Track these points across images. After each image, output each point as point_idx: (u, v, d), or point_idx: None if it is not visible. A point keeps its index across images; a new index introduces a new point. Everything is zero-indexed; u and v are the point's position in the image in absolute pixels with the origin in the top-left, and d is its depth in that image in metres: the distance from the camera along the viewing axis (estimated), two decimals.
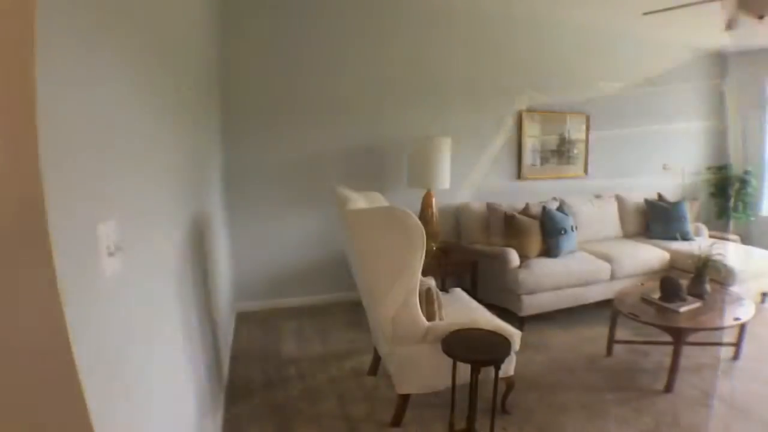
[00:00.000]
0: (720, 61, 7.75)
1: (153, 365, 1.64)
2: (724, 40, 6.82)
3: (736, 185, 7.34)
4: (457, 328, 2.99)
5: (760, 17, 3.51)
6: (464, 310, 3.56)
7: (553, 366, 4.07)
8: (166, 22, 2.19)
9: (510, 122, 5.83)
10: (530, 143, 5.94)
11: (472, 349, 2.78)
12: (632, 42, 6.59)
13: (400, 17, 5.15)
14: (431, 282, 3.37)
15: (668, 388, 3.70)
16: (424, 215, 4.93)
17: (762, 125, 7.52)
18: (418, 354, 3.03)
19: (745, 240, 7.07)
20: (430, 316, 3.12)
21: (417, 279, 2.93)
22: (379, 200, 3.78)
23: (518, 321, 4.63)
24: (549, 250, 4.95)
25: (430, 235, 4.82)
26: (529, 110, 5.90)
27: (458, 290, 4.05)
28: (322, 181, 4.90)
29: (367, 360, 3.94)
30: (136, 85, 1.64)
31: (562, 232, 4.98)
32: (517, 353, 3.39)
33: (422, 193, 5.01)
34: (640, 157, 6.98)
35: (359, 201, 3.23)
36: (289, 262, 5.10)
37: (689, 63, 7.44)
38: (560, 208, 5.27)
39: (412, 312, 2.97)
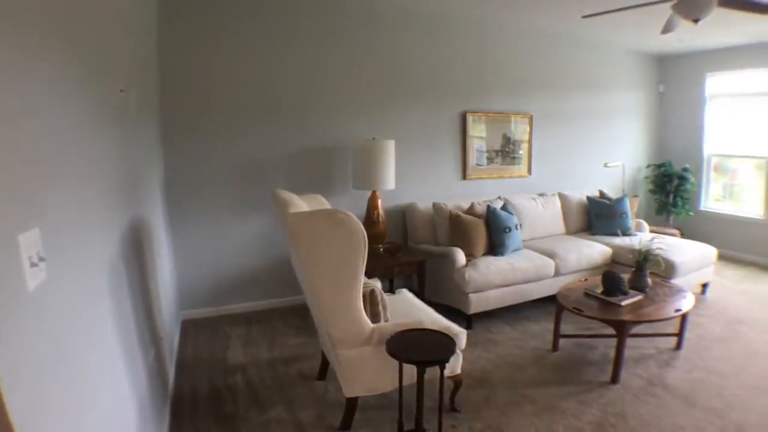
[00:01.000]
0: (659, 63, 8.09)
1: (87, 379, 1.58)
2: (662, 43, 7.08)
3: (675, 182, 7.61)
4: (402, 329, 2.98)
5: (695, 21, 3.63)
6: (410, 310, 3.56)
7: (500, 362, 4.12)
8: (93, 24, 2.11)
9: (454, 123, 5.89)
10: (475, 144, 6.02)
11: (417, 349, 2.77)
12: (575, 44, 6.82)
13: (344, 19, 5.13)
14: (376, 284, 3.35)
15: (614, 379, 3.80)
16: (370, 217, 4.93)
17: (700, 124, 7.83)
18: (363, 356, 3.00)
19: (685, 234, 7.36)
20: (375, 318, 3.10)
21: (360, 281, 2.91)
22: (321, 203, 3.75)
23: (466, 319, 4.69)
24: (495, 249, 5.03)
25: (377, 237, 4.84)
26: (473, 111, 5.98)
27: (405, 291, 4.06)
28: (265, 185, 4.82)
29: (315, 364, 3.90)
30: (60, 87, 1.56)
31: (507, 230, 5.05)
32: (464, 351, 3.42)
33: (368, 194, 4.98)
34: (582, 156, 7.21)
35: (301, 204, 3.17)
36: (234, 267, 5.00)
37: (630, 65, 7.74)
38: (505, 207, 5.35)
39: (357, 314, 2.94)
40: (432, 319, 3.36)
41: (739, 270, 6.97)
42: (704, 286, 5.88)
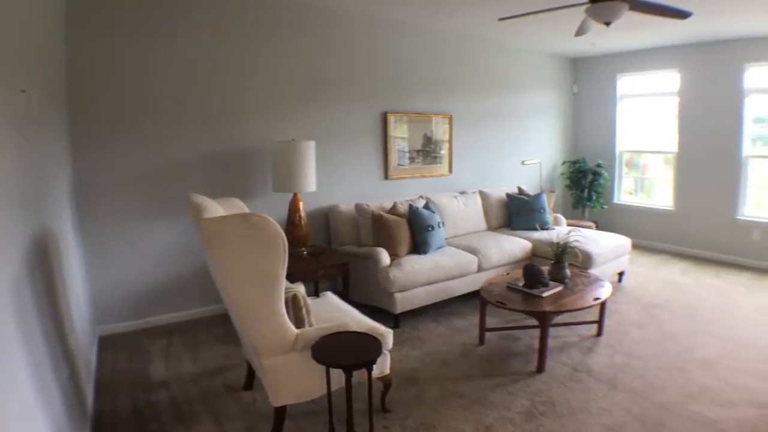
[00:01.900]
0: (573, 65, 8.48)
1: None
2: (576, 46, 7.44)
3: (590, 177, 7.95)
4: (327, 332, 2.90)
5: (607, 24, 3.79)
6: (335, 313, 3.48)
7: (429, 359, 4.11)
8: None
9: (375, 124, 5.87)
10: (397, 144, 6.02)
11: (344, 353, 2.71)
12: (493, 47, 7.04)
13: (262, 18, 4.97)
14: (299, 288, 3.27)
15: (540, 368, 3.87)
16: (292, 219, 4.82)
17: (612, 122, 8.22)
18: (289, 363, 2.89)
19: (600, 226, 7.70)
20: (299, 323, 3.00)
21: (281, 286, 2.81)
22: (239, 207, 3.62)
23: (393, 319, 4.67)
24: (418, 247, 5.03)
25: (299, 240, 4.75)
26: (394, 112, 5.98)
27: (329, 294, 3.98)
28: (182, 191, 4.51)
29: (241, 374, 3.74)
30: None
31: (430, 228, 5.07)
32: (392, 350, 3.38)
33: (289, 197, 4.88)
34: (501, 155, 7.40)
35: (216, 209, 3.05)
36: (153, 277, 4.73)
37: (546, 66, 8.07)
38: (427, 206, 5.37)
39: (279, 321, 2.83)
40: (357, 320, 3.30)
41: (652, 258, 7.34)
42: (620, 274, 6.13)
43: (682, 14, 4.02)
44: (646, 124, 8.06)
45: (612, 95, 8.19)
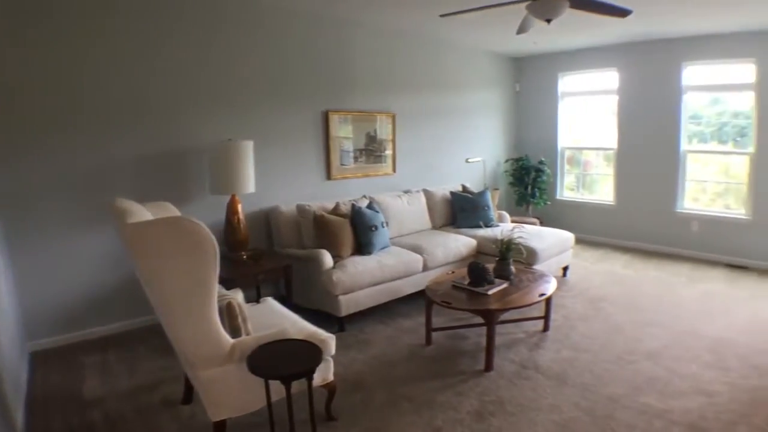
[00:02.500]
0: (515, 63, 8.56)
1: None
2: (518, 45, 7.52)
3: (533, 174, 8.02)
4: (264, 341, 2.73)
5: (548, 21, 3.78)
6: (275, 320, 3.30)
7: (375, 363, 3.97)
8: None
9: (317, 123, 5.68)
10: (339, 143, 5.86)
11: (282, 362, 2.55)
12: (436, 45, 6.97)
13: (198, 11, 4.71)
14: (237, 294, 3.10)
15: (488, 367, 3.80)
16: (231, 222, 4.61)
17: (554, 120, 8.34)
18: (226, 375, 2.70)
19: (544, 222, 7.81)
20: (235, 332, 2.82)
21: (214, 294, 2.62)
22: (170, 211, 3.40)
23: (338, 322, 4.51)
24: (362, 248, 4.90)
25: (239, 243, 4.56)
26: (336, 111, 5.81)
27: (270, 300, 3.80)
28: (113, 195, 4.24)
29: (180, 387, 3.50)
30: None
31: (374, 228, 4.95)
32: (338, 354, 3.25)
33: (227, 199, 4.66)
34: (445, 153, 7.36)
35: (144, 213, 2.83)
36: (85, 288, 4.39)
37: (488, 65, 8.09)
38: (371, 206, 5.24)
39: (213, 330, 2.64)
40: (298, 327, 3.13)
41: (595, 252, 7.44)
42: (565, 269, 6.18)
43: (622, 12, 4.03)
44: (587, 121, 8.24)
45: (553, 94, 8.31)
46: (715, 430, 3.05)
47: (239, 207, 4.67)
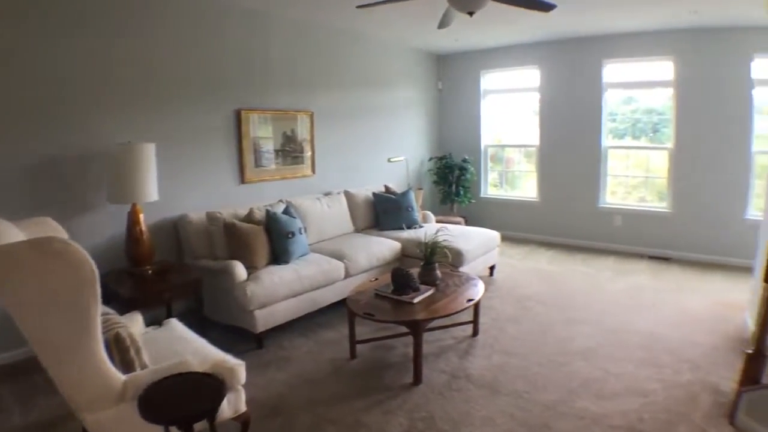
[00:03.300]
0: (437, 61, 8.44)
1: None
2: (440, 42, 7.43)
3: (457, 172, 7.91)
4: (161, 376, 2.33)
5: (470, 13, 3.59)
6: (177, 347, 2.88)
7: (296, 382, 3.63)
8: None
9: (228, 122, 5.23)
10: (254, 144, 5.44)
11: (180, 401, 2.16)
12: (356, 40, 6.69)
13: (94, 4, 4.16)
14: (133, 319, 2.68)
15: (417, 380, 3.57)
16: (132, 234, 4.12)
17: (477, 118, 8.28)
18: (120, 417, 2.28)
19: (469, 220, 7.77)
20: (127, 367, 2.41)
21: (96, 324, 2.21)
22: (50, 229, 2.91)
23: (255, 338, 4.13)
24: (279, 257, 4.52)
25: (142, 257, 4.12)
26: (250, 109, 5.39)
27: (173, 322, 3.35)
28: None
29: (78, 425, 3.02)
30: None
31: (290, 235, 4.58)
32: (256, 375, 3.14)
33: (128, 209, 4.17)
34: (366, 152, 7.06)
35: (14, 234, 2.37)
36: None
37: (411, 62, 7.89)
38: (287, 211, 4.87)
39: (99, 367, 2.23)
40: (203, 354, 2.74)
41: (520, 249, 7.40)
42: (491, 268, 6.07)
43: (545, 6, 3.89)
44: (510, 119, 8.31)
45: (476, 91, 8.26)
46: None
47: (141, 217, 4.19)
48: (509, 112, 8.30)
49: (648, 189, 7.22)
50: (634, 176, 7.34)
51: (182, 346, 2.90)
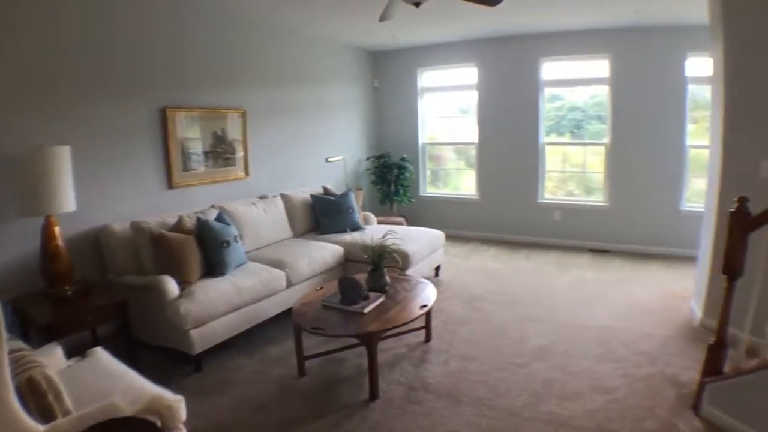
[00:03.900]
0: (374, 58, 8.24)
1: None
2: (376, 39, 7.27)
3: (395, 171, 7.74)
4: (88, 424, 1.94)
5: (416, 4, 3.45)
6: (104, 384, 2.43)
7: (242, 408, 3.28)
8: None
9: (153, 122, 4.76)
10: (181, 145, 4.99)
11: None
12: (291, 36, 6.35)
13: None
14: (51, 353, 2.28)
15: (373, 395, 3.32)
16: (48, 250, 3.62)
17: (414, 116, 8.16)
18: None
19: (409, 220, 7.63)
20: (46, 415, 2.01)
21: (3, 368, 1.84)
22: None
23: (193, 361, 3.73)
24: (213, 269, 4.12)
25: (60, 276, 3.66)
26: (177, 107, 4.94)
27: (98, 352, 2.87)
28: None
29: None
30: None
31: (225, 245, 4.20)
32: (196, 403, 2.88)
33: (42, 221, 3.69)
34: (303, 152, 6.73)
35: None
36: None
37: (347, 59, 7.66)
38: (220, 218, 4.49)
39: (11, 419, 1.84)
40: (133, 391, 2.33)
41: (463, 247, 7.30)
42: (437, 269, 5.91)
43: (492, 1, 3.71)
44: (448, 116, 8.27)
45: (413, 89, 8.13)
46: (624, 430, 2.91)
47: (57, 230, 3.71)
48: (448, 110, 8.26)
49: (580, 183, 7.38)
50: (572, 172, 7.44)
51: (110, 382, 2.48)
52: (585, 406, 3.14)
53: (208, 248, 4.12)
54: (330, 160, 6.76)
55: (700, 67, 6.08)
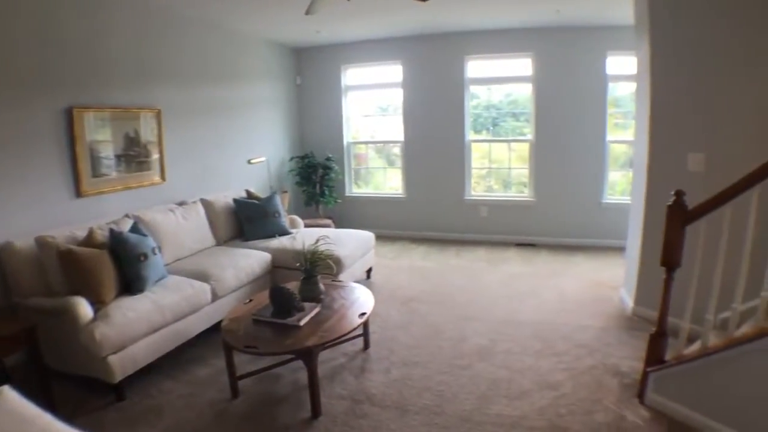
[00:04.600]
0: (296, 55, 7.99)
1: None
2: (299, 35, 7.07)
3: (321, 172, 7.54)
4: None
5: None
6: None
7: None
8: None
9: (58, 123, 4.27)
10: (90, 148, 4.51)
11: None
12: (209, 30, 5.99)
13: None
14: None
15: (315, 412, 3.11)
16: None
17: (339, 114, 7.97)
18: None
19: (336, 221, 7.47)
20: None
21: None
22: None
23: (115, 390, 3.34)
24: (131, 286, 3.73)
25: None
26: (84, 107, 4.46)
27: (5, 392, 2.42)
28: None
29: None
30: None
31: (142, 258, 3.82)
32: None
33: None
34: (224, 154, 6.37)
35: None
36: None
37: (268, 55, 7.35)
38: (136, 228, 4.08)
39: None
40: None
41: (392, 246, 7.20)
42: (369, 271, 5.76)
43: None
44: (373, 115, 8.19)
45: (337, 87, 7.94)
46: (575, 425, 2.90)
47: None
48: (373, 108, 8.17)
49: (504, 180, 7.51)
50: (498, 168, 7.53)
51: (19, 429, 2.14)
52: (534, 405, 3.12)
53: (124, 263, 3.74)
54: (253, 161, 6.43)
55: (620, 65, 6.43)
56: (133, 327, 3.40)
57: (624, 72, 6.31)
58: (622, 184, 6.87)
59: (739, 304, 2.72)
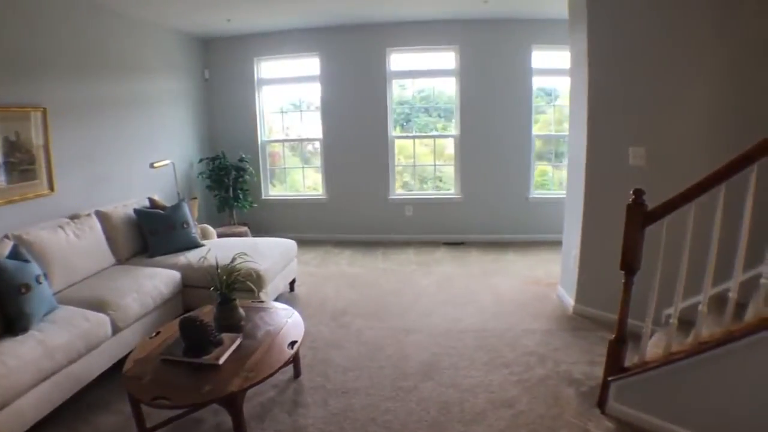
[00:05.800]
0: (204, 47, 7.37)
1: None
2: (207, 25, 6.54)
3: (233, 174, 7.00)
4: None
5: None
6: None
7: None
8: None
9: None
10: None
11: None
12: (103, 16, 5.24)
13: None
14: None
15: None
16: None
17: (253, 110, 7.45)
18: None
19: (252, 227, 7.04)
20: None
21: None
22: None
23: None
24: (11, 325, 3.05)
25: None
26: None
27: None
28: None
29: None
30: None
31: (24, 290, 3.13)
32: None
33: None
34: (123, 158, 5.61)
35: None
36: None
37: (172, 47, 6.66)
38: (16, 252, 3.38)
39: None
40: None
41: (315, 252, 6.78)
42: (292, 283, 5.27)
43: None
44: (289, 111, 7.72)
45: (250, 81, 7.36)
46: None
47: None
48: (288, 104, 7.67)
49: (428, 177, 7.40)
50: (422, 165, 7.37)
51: None
52: (492, 427, 2.86)
53: (1, 298, 3.10)
54: (156, 165, 5.69)
55: (544, 59, 6.54)
56: (16, 378, 2.73)
57: (549, 66, 6.44)
58: (541, 179, 6.99)
59: (704, 306, 2.57)
